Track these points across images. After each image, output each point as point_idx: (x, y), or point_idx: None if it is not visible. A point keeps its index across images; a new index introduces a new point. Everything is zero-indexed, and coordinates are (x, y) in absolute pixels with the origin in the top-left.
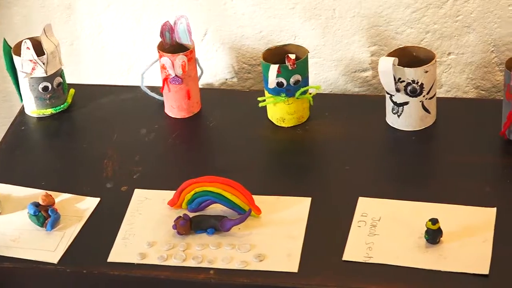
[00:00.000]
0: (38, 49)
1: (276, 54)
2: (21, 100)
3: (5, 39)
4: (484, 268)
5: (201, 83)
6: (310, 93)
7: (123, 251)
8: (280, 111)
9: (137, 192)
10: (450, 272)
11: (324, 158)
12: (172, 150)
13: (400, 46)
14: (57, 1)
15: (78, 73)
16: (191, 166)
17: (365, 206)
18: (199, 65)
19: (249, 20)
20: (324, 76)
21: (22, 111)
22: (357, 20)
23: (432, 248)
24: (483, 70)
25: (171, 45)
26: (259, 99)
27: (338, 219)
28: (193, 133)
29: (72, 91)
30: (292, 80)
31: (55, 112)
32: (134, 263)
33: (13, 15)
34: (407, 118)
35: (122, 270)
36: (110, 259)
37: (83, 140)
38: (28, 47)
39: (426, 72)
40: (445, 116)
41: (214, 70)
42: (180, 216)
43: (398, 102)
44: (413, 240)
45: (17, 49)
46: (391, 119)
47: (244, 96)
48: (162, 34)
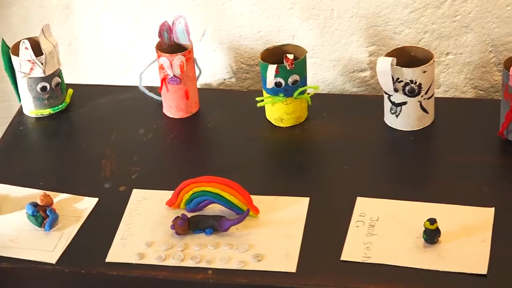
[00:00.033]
0: (37, 49)
1: (274, 54)
2: (19, 100)
3: (3, 39)
4: (482, 268)
5: (199, 83)
6: (308, 93)
7: (121, 251)
8: (278, 111)
9: (135, 192)
10: (448, 272)
11: (322, 158)
12: (171, 150)
13: (398, 46)
14: (56, 1)
15: (76, 73)
16: (190, 166)
17: (363, 206)
18: (197, 65)
19: (248, 20)
20: (322, 76)
21: (20, 111)
22: (355, 20)
23: (430, 248)
24: (481, 70)
25: (170, 45)
26: (257, 99)
27: (336, 219)
28: (191, 133)
29: (70, 91)
30: (290, 80)
31: (53, 112)
32: (132, 263)
33: (11, 15)
34: (405, 118)
35: (120, 270)
36: (108, 259)
37: (81, 140)
38: (26, 47)
39: (424, 72)
40: (443, 116)
41: (213, 70)
42: (178, 216)
43: (396, 102)
44: (411, 240)
45: (15, 49)
46: (389, 119)
47: (242, 96)
48: (161, 34)
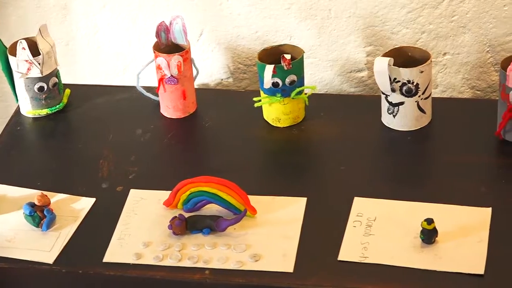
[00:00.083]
0: (34, 49)
1: (272, 54)
2: (17, 100)
3: (0, 40)
4: (479, 268)
5: (197, 83)
6: (306, 93)
7: (118, 251)
8: (275, 111)
9: (133, 192)
10: (445, 272)
11: (319, 158)
12: (168, 150)
13: (396, 46)
14: (53, 2)
15: (73, 73)
16: (187, 166)
17: (361, 206)
18: (194, 65)
19: (245, 20)
20: (319, 76)
21: (17, 112)
22: (353, 20)
23: (427, 248)
24: (478, 70)
25: (167, 45)
26: (255, 99)
27: (334, 219)
28: (188, 133)
29: (67, 91)
30: (287, 80)
31: (50, 112)
32: (129, 263)
33: (8, 15)
34: (402, 118)
35: (117, 270)
36: (105, 259)
37: (78, 140)
38: (23, 47)
39: (422, 72)
40: (440, 116)
41: (210, 70)
42: (175, 216)
43: (393, 102)
44: (408, 240)
45: (13, 49)
46: (387, 119)
47: (240, 96)
48: (158, 34)
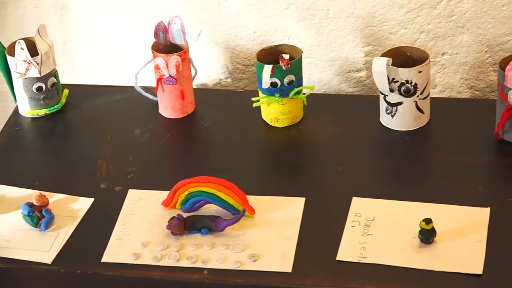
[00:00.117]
0: (32, 49)
1: (270, 55)
2: (15, 100)
3: None
4: (477, 268)
5: (195, 83)
6: (304, 93)
7: (117, 251)
8: (274, 111)
9: (131, 192)
10: (443, 272)
11: (318, 158)
12: (166, 150)
13: (394, 46)
14: (51, 2)
15: (72, 73)
16: (185, 166)
17: (359, 206)
18: (193, 66)
19: (243, 20)
20: (318, 76)
21: (16, 112)
22: (351, 20)
23: (425, 248)
24: (477, 70)
25: (165, 45)
26: (253, 99)
27: (332, 219)
28: (187, 134)
29: (66, 91)
30: (286, 80)
31: (49, 112)
32: (128, 264)
33: (7, 16)
34: (401, 118)
35: (116, 270)
36: (104, 260)
37: (77, 140)
38: (22, 48)
39: (420, 72)
40: (439, 116)
41: (208, 70)
42: (174, 217)
43: (392, 102)
44: (407, 240)
45: (11, 50)
46: (385, 119)
47: (238, 97)
48: (156, 35)
